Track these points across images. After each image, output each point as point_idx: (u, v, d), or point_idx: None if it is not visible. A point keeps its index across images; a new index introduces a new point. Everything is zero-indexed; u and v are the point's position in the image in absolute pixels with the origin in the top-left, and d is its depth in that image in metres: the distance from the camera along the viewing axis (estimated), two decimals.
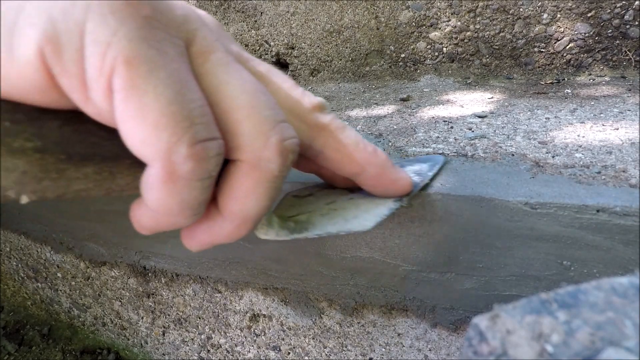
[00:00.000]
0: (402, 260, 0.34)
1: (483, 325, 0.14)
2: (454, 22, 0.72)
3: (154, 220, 0.19)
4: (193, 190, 0.18)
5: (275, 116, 0.19)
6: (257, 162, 0.19)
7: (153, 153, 0.16)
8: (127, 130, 0.16)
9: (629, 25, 0.64)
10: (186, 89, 0.17)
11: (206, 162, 0.17)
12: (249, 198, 0.19)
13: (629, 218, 0.27)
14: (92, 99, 0.16)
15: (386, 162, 0.25)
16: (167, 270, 0.47)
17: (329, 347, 0.43)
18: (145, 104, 0.16)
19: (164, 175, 0.17)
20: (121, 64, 0.15)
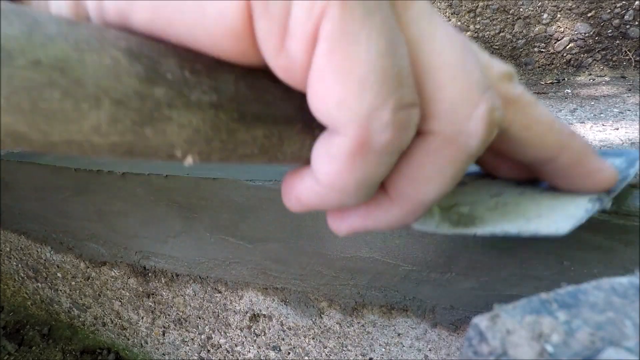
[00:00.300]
0: (402, 260, 0.34)
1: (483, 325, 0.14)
2: (454, 22, 0.72)
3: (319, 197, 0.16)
4: (380, 166, 0.15)
5: (484, 80, 0.16)
6: (456, 136, 0.15)
7: (350, 116, 0.14)
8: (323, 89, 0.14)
9: (629, 25, 0.64)
10: (398, 38, 0.14)
11: (405, 132, 0.15)
12: (432, 180, 0.16)
13: (629, 218, 0.27)
14: (288, 49, 0.14)
15: (586, 147, 0.20)
16: (167, 270, 0.47)
17: (329, 347, 0.43)
18: (354, 55, 0.13)
19: (356, 145, 0.14)
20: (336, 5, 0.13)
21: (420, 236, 0.33)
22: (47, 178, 0.48)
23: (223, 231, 0.40)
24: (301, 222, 0.36)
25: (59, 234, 0.52)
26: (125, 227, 0.46)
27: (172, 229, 0.43)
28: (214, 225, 0.40)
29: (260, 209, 0.37)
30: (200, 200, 0.39)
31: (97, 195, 0.45)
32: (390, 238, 0.34)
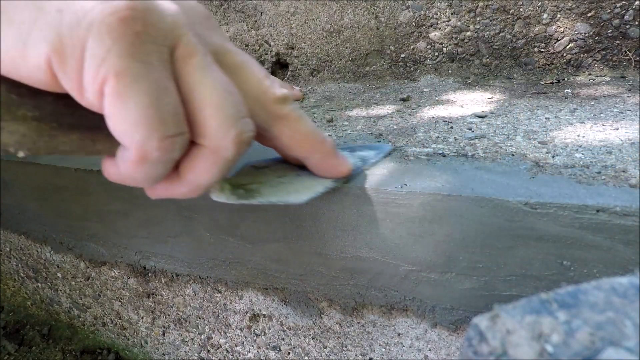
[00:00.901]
0: (402, 260, 0.34)
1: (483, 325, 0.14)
2: (454, 22, 0.72)
3: (120, 178, 0.24)
4: (157, 169, 0.23)
5: (237, 114, 0.23)
6: (216, 148, 0.23)
7: (130, 142, 0.21)
8: (111, 123, 0.21)
9: (629, 25, 0.64)
10: (163, 94, 0.21)
11: (171, 152, 0.22)
12: (204, 173, 0.24)
13: (629, 218, 0.27)
14: (86, 98, 0.21)
15: (330, 151, 0.30)
16: (167, 270, 0.47)
17: (329, 347, 0.43)
18: (127, 107, 0.20)
19: (137, 158, 0.22)
20: (111, 76, 0.20)
21: (420, 236, 0.33)
22: (47, 178, 0.48)
23: (223, 231, 0.40)
24: (301, 222, 0.36)
25: (59, 234, 0.52)
26: (125, 227, 0.46)
27: (172, 229, 0.43)
28: (214, 225, 0.40)
29: (260, 209, 0.37)
30: (200, 200, 0.39)
31: (97, 195, 0.45)
32: (390, 238, 0.34)
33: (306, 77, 0.83)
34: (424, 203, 0.31)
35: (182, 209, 0.41)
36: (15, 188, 0.51)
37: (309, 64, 0.82)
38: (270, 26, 0.83)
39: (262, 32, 0.84)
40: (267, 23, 0.82)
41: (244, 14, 0.84)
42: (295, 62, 0.83)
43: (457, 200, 0.30)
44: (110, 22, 0.19)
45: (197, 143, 0.24)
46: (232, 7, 0.84)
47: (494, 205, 0.30)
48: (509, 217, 0.29)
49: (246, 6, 0.83)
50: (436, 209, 0.31)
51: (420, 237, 0.33)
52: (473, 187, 0.31)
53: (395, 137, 0.44)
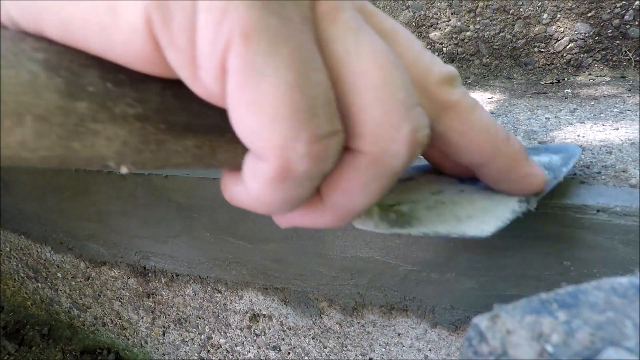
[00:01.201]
0: (402, 260, 0.34)
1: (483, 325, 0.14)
2: (454, 22, 0.72)
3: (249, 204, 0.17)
4: (302, 189, 0.16)
5: (410, 100, 0.16)
6: (381, 156, 0.16)
7: (266, 147, 0.14)
8: (238, 118, 0.14)
9: (629, 25, 0.64)
10: (311, 68, 0.14)
11: (324, 161, 0.15)
12: (360, 193, 0.17)
13: (629, 218, 0.27)
14: (202, 79, 0.14)
15: (520, 153, 0.21)
16: (167, 270, 0.47)
17: (329, 347, 0.43)
18: (263, 90, 0.13)
19: (275, 172, 0.15)
20: (238, 37, 0.13)
21: (419, 236, 0.33)
22: (47, 178, 0.48)
23: (223, 231, 0.40)
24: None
25: (59, 234, 0.52)
26: (125, 227, 0.46)
27: (172, 229, 0.43)
28: (214, 225, 0.40)
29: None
30: (200, 200, 0.39)
31: (97, 195, 0.45)
32: (390, 238, 0.34)
33: None
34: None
35: (182, 209, 0.41)
36: (15, 188, 0.51)
37: None
38: None
39: None
40: None
41: None
42: None
43: None
44: None
45: (350, 148, 0.16)
46: None
47: None
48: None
49: None
50: None
51: (420, 237, 0.33)
52: None
53: None
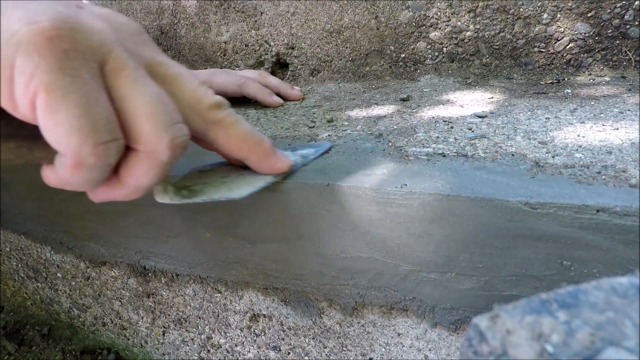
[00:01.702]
0: (402, 260, 0.34)
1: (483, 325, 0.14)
2: (454, 22, 0.72)
3: (59, 183, 0.25)
4: (94, 173, 0.24)
5: (169, 120, 0.25)
6: (152, 153, 0.25)
7: (65, 150, 0.22)
8: (46, 133, 0.22)
9: (629, 25, 0.64)
10: (94, 104, 0.22)
11: (106, 157, 0.23)
12: (143, 176, 0.26)
13: (629, 218, 0.27)
14: (20, 111, 0.22)
15: (268, 150, 0.32)
16: (167, 270, 0.47)
17: (329, 347, 0.43)
18: (59, 118, 0.21)
19: (73, 164, 0.23)
20: (41, 90, 0.21)
21: (420, 236, 0.33)
22: None
23: (223, 231, 0.40)
24: (301, 222, 0.36)
25: (59, 234, 0.52)
26: (125, 227, 0.46)
27: (172, 229, 0.43)
28: (214, 225, 0.40)
29: (260, 209, 0.37)
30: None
31: None
32: (390, 238, 0.34)
33: (306, 77, 0.83)
34: (424, 203, 0.31)
35: (182, 209, 0.41)
36: (15, 188, 0.51)
37: (309, 64, 0.82)
38: (270, 26, 0.83)
39: (262, 32, 0.84)
40: (267, 23, 0.82)
41: (244, 14, 0.84)
42: (295, 62, 0.83)
43: (457, 200, 0.30)
44: (37, 41, 0.21)
45: (134, 148, 0.25)
46: (232, 7, 0.84)
47: (494, 205, 0.30)
48: (509, 217, 0.29)
49: (246, 6, 0.83)
50: (436, 209, 0.31)
51: (420, 237, 0.33)
52: (473, 187, 0.31)
53: (395, 137, 0.44)
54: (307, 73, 0.83)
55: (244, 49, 0.87)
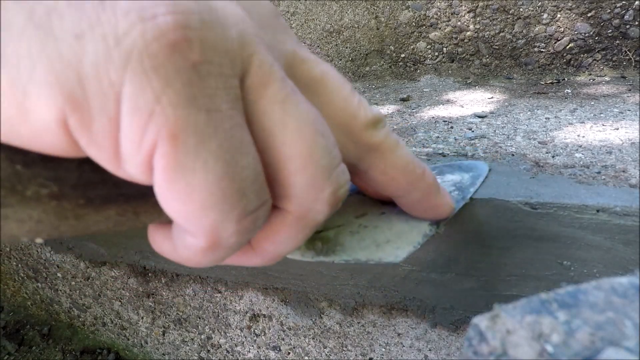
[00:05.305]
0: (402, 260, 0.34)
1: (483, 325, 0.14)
2: (454, 22, 0.72)
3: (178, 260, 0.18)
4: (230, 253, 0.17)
5: (332, 164, 0.17)
6: (306, 213, 0.18)
7: (197, 230, 0.15)
8: (168, 205, 0.15)
9: (629, 25, 0.64)
10: (239, 153, 0.15)
11: (252, 232, 0.16)
12: (287, 243, 0.19)
13: (629, 218, 0.27)
14: (126, 170, 0.14)
15: (432, 186, 0.23)
16: (167, 270, 0.47)
17: (329, 347, 0.43)
18: (192, 184, 0.14)
19: (206, 247, 0.16)
20: (165, 139, 0.13)
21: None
22: None
23: None
24: None
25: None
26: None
27: None
28: None
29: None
30: None
31: None
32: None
33: None
34: None
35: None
36: None
37: None
38: None
39: None
40: None
41: None
42: None
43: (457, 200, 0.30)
44: (157, 52, 0.13)
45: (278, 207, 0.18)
46: None
47: (494, 205, 0.30)
48: (509, 217, 0.29)
49: None
50: None
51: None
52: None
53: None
54: None
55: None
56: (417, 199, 0.23)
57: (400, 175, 0.22)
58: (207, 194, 0.14)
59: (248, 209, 0.15)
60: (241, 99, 0.15)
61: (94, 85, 0.13)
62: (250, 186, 0.15)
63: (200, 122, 0.13)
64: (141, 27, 0.13)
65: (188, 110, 0.13)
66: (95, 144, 0.13)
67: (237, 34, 0.15)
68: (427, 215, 0.24)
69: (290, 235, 0.18)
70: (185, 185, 0.14)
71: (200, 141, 0.14)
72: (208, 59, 0.14)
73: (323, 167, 0.17)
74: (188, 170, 0.14)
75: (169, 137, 0.13)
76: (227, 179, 0.14)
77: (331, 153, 0.17)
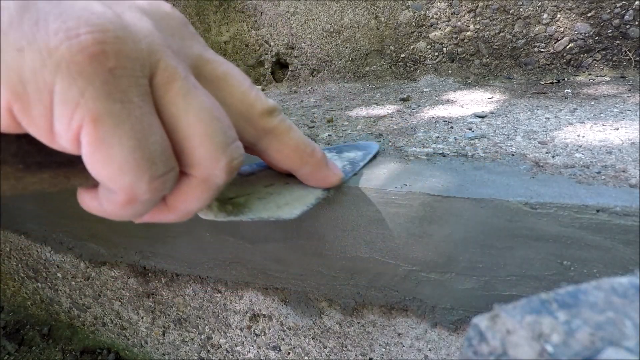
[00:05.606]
0: (402, 260, 0.34)
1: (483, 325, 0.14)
2: (454, 22, 0.72)
3: (103, 214, 0.23)
4: (146, 207, 0.22)
5: (226, 140, 0.22)
6: (207, 177, 0.22)
7: (117, 187, 0.20)
8: (93, 170, 0.19)
9: (629, 25, 0.64)
10: (148, 132, 0.19)
11: (162, 191, 0.21)
12: (194, 201, 0.23)
13: (629, 218, 0.27)
14: (59, 144, 0.19)
15: (320, 161, 0.29)
16: (167, 270, 0.47)
17: (329, 347, 0.43)
18: (111, 154, 0.19)
19: (125, 201, 0.21)
20: (89, 122, 0.18)
21: (420, 236, 0.33)
22: None
23: (223, 231, 0.40)
24: (301, 222, 0.36)
25: (59, 234, 0.52)
26: (125, 227, 0.46)
27: (172, 229, 0.43)
28: (214, 225, 0.40)
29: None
30: None
31: None
32: (390, 238, 0.34)
33: (306, 77, 0.83)
34: (424, 203, 0.31)
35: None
36: None
37: (309, 64, 0.82)
38: (270, 26, 0.83)
39: (262, 32, 0.84)
40: (267, 23, 0.82)
41: (244, 14, 0.84)
42: (295, 62, 0.83)
43: (457, 200, 0.30)
44: (80, 61, 0.17)
45: (186, 173, 0.23)
46: (232, 7, 0.84)
47: (494, 205, 0.30)
48: (509, 217, 0.29)
49: (246, 6, 0.83)
50: (436, 209, 0.31)
51: (420, 237, 0.33)
52: (473, 187, 0.31)
53: (395, 137, 0.44)
54: (307, 73, 0.83)
55: (244, 49, 0.87)
56: (309, 172, 0.29)
57: (292, 153, 0.28)
58: (123, 162, 0.19)
59: (157, 173, 0.20)
60: (150, 94, 0.20)
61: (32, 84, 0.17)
62: (158, 157, 0.20)
63: (115, 110, 0.18)
64: (67, 43, 0.17)
65: (105, 101, 0.18)
66: (34, 124, 0.18)
67: (146, 45, 0.20)
68: (320, 184, 0.30)
69: (197, 195, 0.23)
70: (106, 154, 0.19)
71: (116, 124, 0.18)
72: (121, 64, 0.18)
73: (218, 142, 0.22)
74: (107, 145, 0.18)
75: (91, 121, 0.18)
76: (138, 151, 0.19)
77: (226, 133, 0.22)
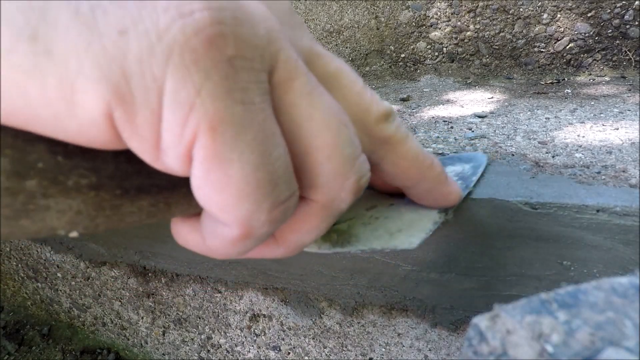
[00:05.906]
0: (402, 260, 0.34)
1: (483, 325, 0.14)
2: (454, 22, 0.72)
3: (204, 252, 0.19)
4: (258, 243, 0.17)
5: (354, 153, 0.18)
6: (331, 202, 0.18)
7: (231, 219, 0.16)
8: (203, 195, 0.15)
9: (629, 25, 0.64)
10: (272, 145, 0.15)
11: (282, 220, 0.17)
12: (311, 232, 0.19)
13: (629, 218, 0.27)
14: (164, 162, 0.14)
15: (440, 176, 0.24)
16: (167, 270, 0.47)
17: (329, 347, 0.43)
18: (229, 175, 0.14)
19: (238, 236, 0.16)
20: (206, 131, 0.14)
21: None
22: None
23: None
24: None
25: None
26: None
27: None
28: None
29: None
30: None
31: None
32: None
33: None
34: None
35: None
36: None
37: None
38: None
39: None
40: None
41: None
42: None
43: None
44: (196, 47, 0.13)
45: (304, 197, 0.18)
46: None
47: (494, 205, 0.30)
48: (508, 217, 0.29)
49: None
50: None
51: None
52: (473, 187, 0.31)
53: None
54: None
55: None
56: (426, 189, 0.24)
57: (410, 166, 0.22)
58: (243, 184, 0.15)
59: (279, 199, 0.16)
60: (270, 93, 0.16)
61: (138, 80, 0.13)
62: (281, 177, 0.16)
63: (237, 114, 0.14)
64: (181, 22, 0.13)
65: (226, 102, 0.14)
66: (137, 136, 0.14)
67: (265, 31, 0.15)
68: (437, 203, 0.25)
69: (315, 224, 0.19)
70: (223, 175, 0.14)
71: (238, 133, 0.14)
72: (241, 53, 0.14)
73: (347, 156, 0.17)
74: (226, 161, 0.14)
75: (209, 129, 0.13)
76: (261, 170, 0.15)
77: (354, 143, 0.18)
